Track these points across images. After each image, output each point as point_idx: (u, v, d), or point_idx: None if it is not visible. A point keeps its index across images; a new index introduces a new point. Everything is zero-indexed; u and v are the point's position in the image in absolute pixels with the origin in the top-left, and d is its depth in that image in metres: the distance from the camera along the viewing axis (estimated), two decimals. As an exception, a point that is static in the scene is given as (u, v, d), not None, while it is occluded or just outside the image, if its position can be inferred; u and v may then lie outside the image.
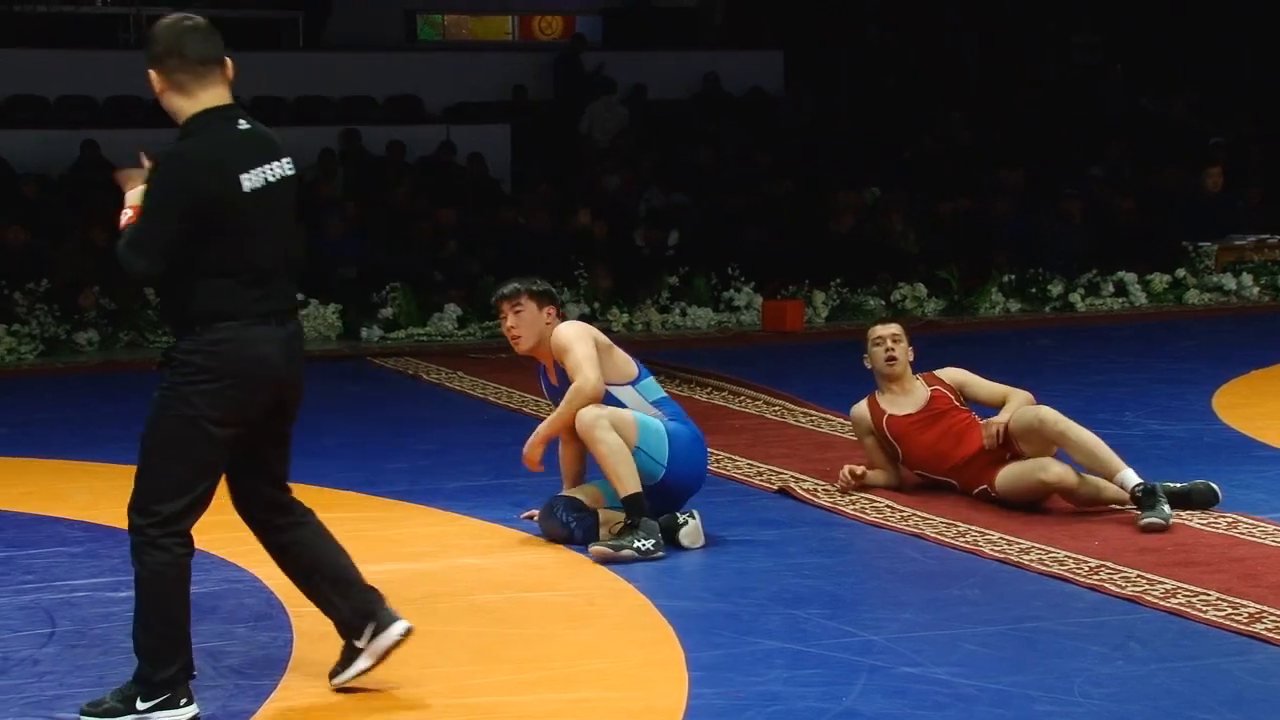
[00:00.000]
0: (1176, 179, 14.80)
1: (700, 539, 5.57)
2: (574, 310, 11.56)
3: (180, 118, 3.93)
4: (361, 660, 4.13)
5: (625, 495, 5.44)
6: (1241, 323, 12.08)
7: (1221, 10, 17.89)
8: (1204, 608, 4.75)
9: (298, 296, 4.11)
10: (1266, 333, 11.41)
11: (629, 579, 5.20)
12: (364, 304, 11.76)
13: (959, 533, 5.69)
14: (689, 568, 5.40)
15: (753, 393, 8.84)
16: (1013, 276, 12.98)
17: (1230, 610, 4.73)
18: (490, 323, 10.92)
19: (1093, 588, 5.00)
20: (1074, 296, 12.94)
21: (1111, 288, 13.09)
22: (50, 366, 10.56)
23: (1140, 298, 13.09)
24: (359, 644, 4.12)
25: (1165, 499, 5.70)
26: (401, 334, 11.56)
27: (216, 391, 3.87)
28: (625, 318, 11.98)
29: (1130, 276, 13.14)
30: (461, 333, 11.61)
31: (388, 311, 11.66)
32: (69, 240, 11.81)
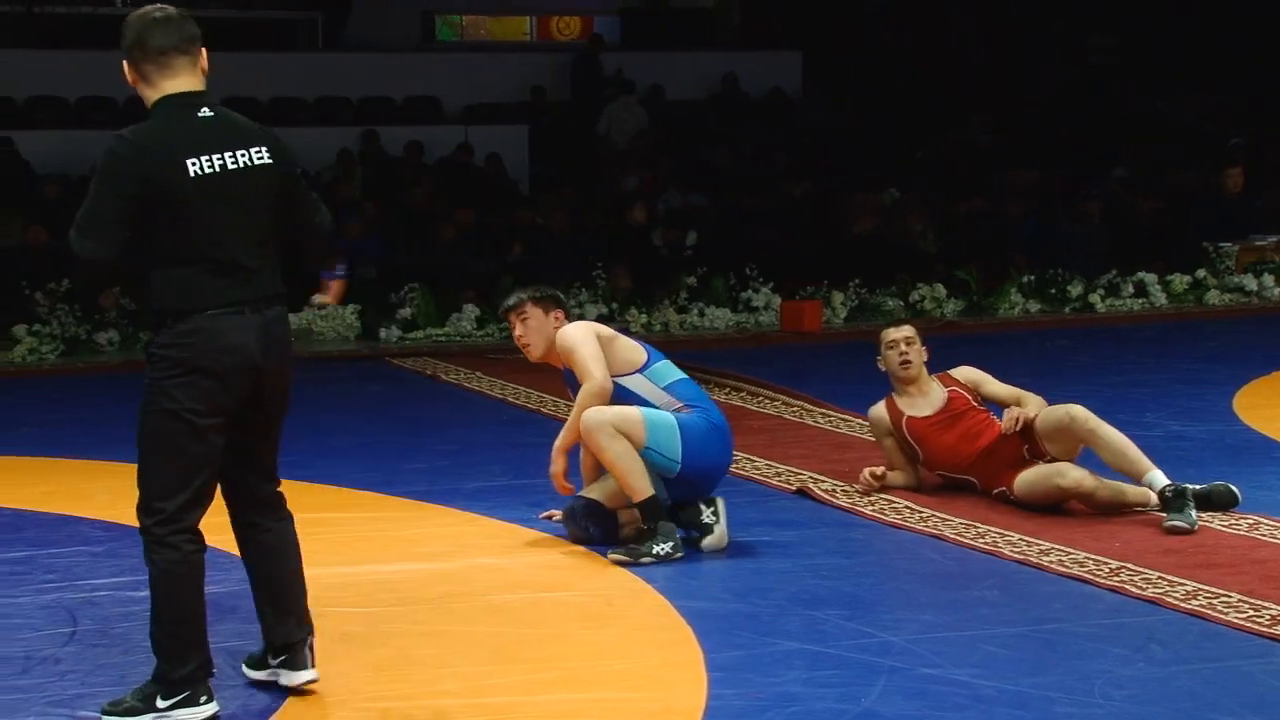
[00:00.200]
0: (1196, 180, 14.75)
1: (723, 543, 5.54)
2: (592, 311, 11.57)
3: (147, 107, 3.97)
4: (264, 673, 4.17)
5: (638, 501, 5.43)
6: (1263, 323, 12.02)
7: (1237, 11, 17.83)
8: (1225, 610, 4.73)
9: (281, 289, 4.02)
10: (1288, 334, 11.37)
11: (648, 579, 5.20)
12: (382, 304, 11.78)
13: (978, 534, 5.67)
14: (708, 568, 5.40)
15: (771, 393, 8.83)
16: (1032, 277, 12.94)
17: (1252, 612, 4.70)
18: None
19: (1113, 589, 4.98)
20: (1094, 297, 12.89)
21: (1131, 288, 13.04)
22: (71, 366, 10.59)
23: (1160, 298, 13.04)
24: (271, 661, 4.17)
25: (1194, 502, 5.69)
26: (420, 334, 11.57)
27: (193, 384, 3.87)
28: (643, 318, 11.97)
29: (1150, 277, 13.09)
30: (480, 333, 11.61)
31: (406, 312, 11.68)
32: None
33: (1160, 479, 5.80)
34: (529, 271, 11.70)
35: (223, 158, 3.91)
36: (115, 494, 6.46)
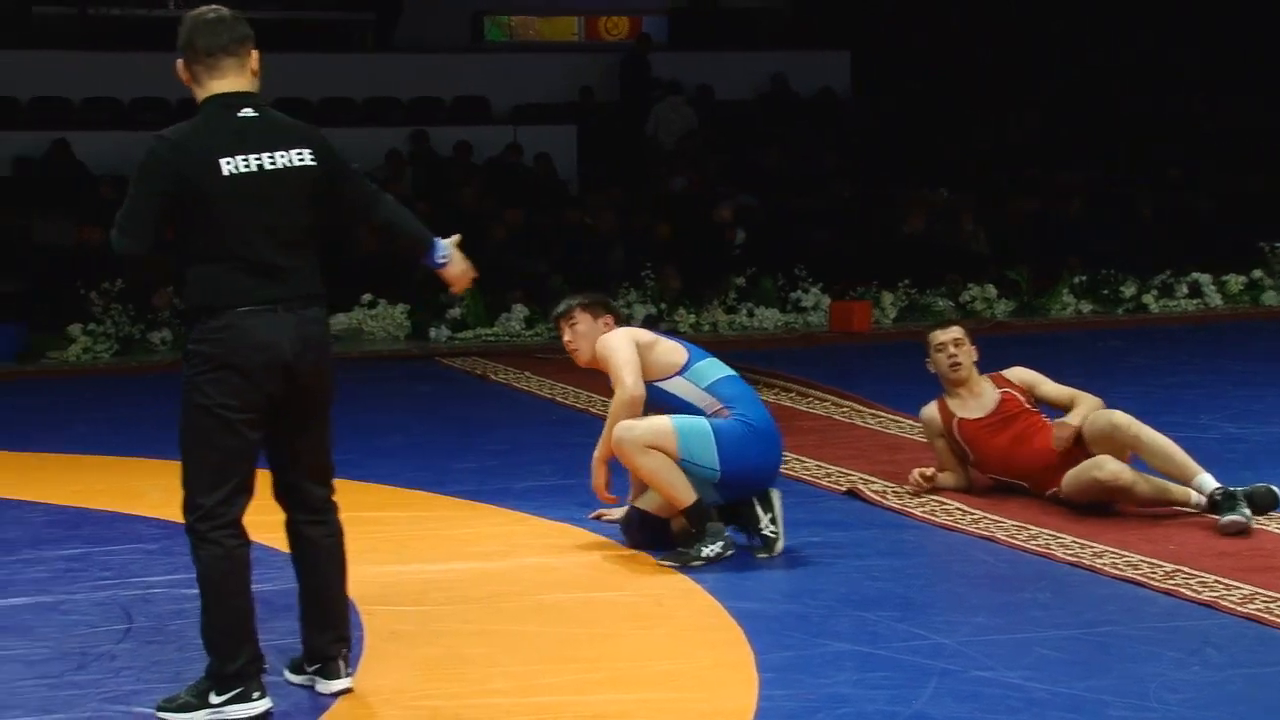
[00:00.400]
0: (1252, 179, 14.60)
1: (776, 550, 5.51)
2: (640, 311, 11.58)
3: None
4: (302, 679, 4.19)
5: (683, 509, 5.41)
6: (1320, 324, 11.91)
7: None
8: (1282, 613, 4.69)
9: (320, 289, 4.04)
10: (1345, 334, 11.25)
11: (698, 580, 5.19)
12: (432, 304, 11.82)
13: (1030, 536, 5.63)
14: (759, 569, 5.38)
15: (820, 394, 8.80)
16: (1084, 278, 12.85)
17: (1309, 616, 4.65)
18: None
19: (1168, 592, 4.94)
20: (1147, 298, 12.79)
21: (1186, 289, 12.93)
22: (125, 365, 10.69)
23: (1215, 299, 12.92)
24: (307, 668, 4.19)
25: (1245, 502, 5.63)
26: (469, 334, 11.62)
27: (223, 379, 3.90)
28: (692, 318, 11.97)
29: (1205, 278, 12.97)
30: (529, 333, 11.64)
31: (456, 312, 11.72)
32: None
33: (1210, 482, 5.74)
34: (576, 272, 11.73)
35: (260, 158, 3.94)
36: (168, 492, 6.44)
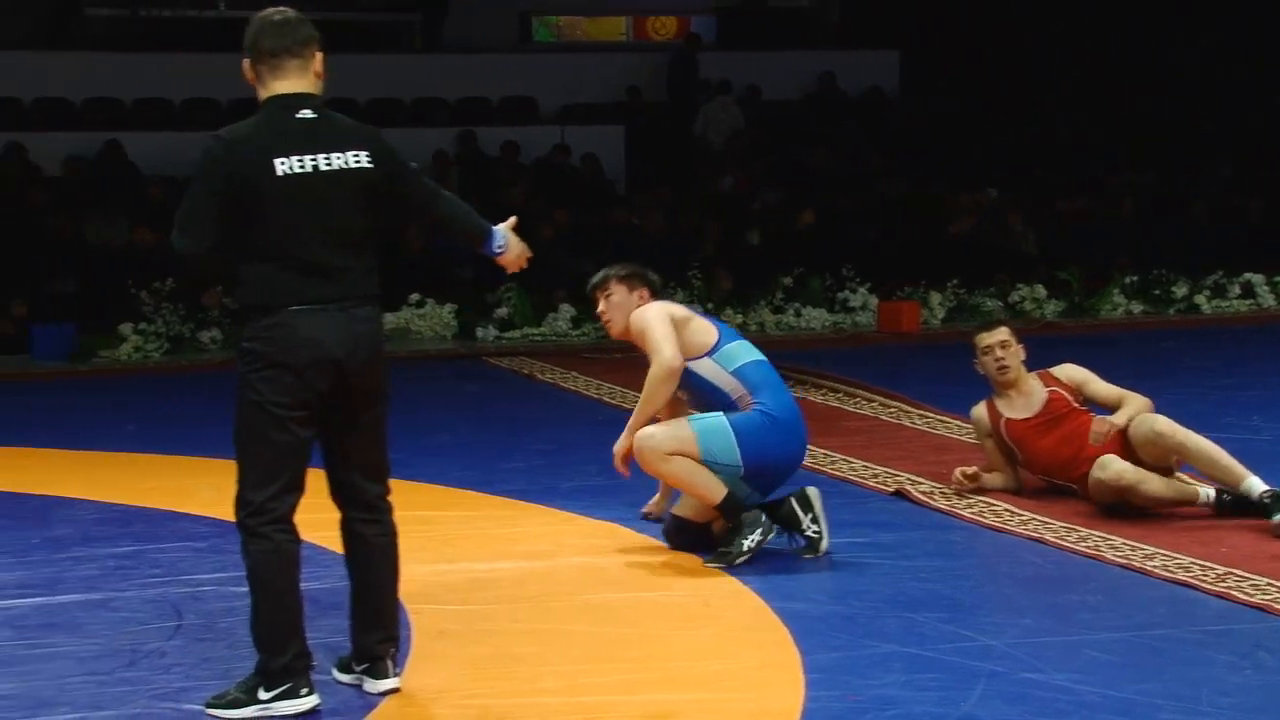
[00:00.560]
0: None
1: (821, 550, 5.49)
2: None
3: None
4: (350, 678, 4.20)
5: (716, 505, 5.40)
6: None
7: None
8: (1336, 617, 4.63)
9: (375, 290, 4.07)
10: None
11: (744, 580, 5.19)
12: (479, 304, 11.86)
13: (1080, 537, 5.59)
14: (805, 570, 5.37)
15: (868, 394, 8.77)
16: (1135, 278, 12.75)
17: (1364, 620, 4.60)
18: (604, 323, 10.94)
19: (1220, 595, 4.89)
20: (1199, 298, 12.68)
21: (1238, 289, 12.81)
22: (175, 364, 10.79)
23: (1269, 299, 12.79)
24: (355, 667, 4.20)
25: None
26: (516, 334, 11.65)
27: (274, 377, 3.94)
28: (740, 318, 11.95)
29: (1258, 278, 12.84)
30: (576, 333, 11.66)
31: (503, 311, 11.75)
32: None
33: (1258, 485, 5.68)
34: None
35: (315, 159, 3.97)
36: (218, 490, 6.50)
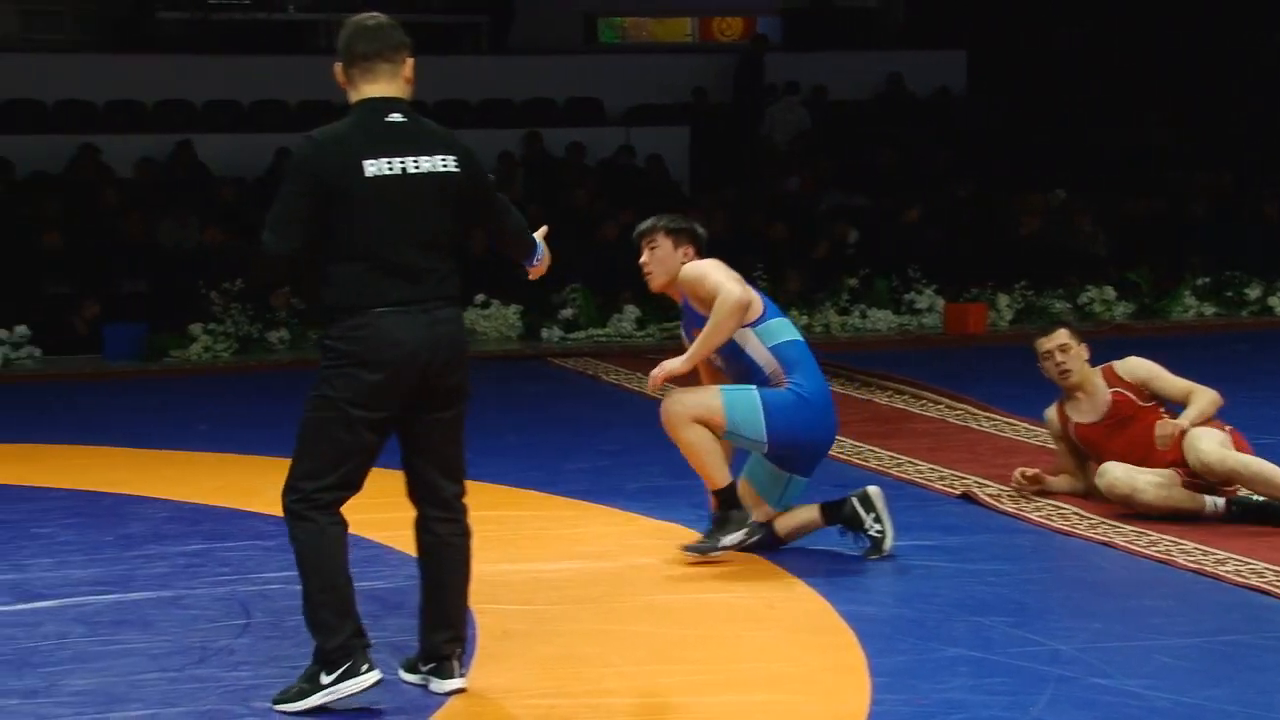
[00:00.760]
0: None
1: (885, 550, 5.46)
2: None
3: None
4: (417, 678, 4.21)
5: (715, 489, 5.40)
6: None
7: None
8: None
9: (455, 292, 4.10)
10: None
11: (809, 582, 5.17)
12: (544, 305, 11.89)
13: (1150, 542, 5.53)
14: (871, 572, 5.34)
15: (934, 396, 8.72)
16: (1207, 279, 12.59)
17: None
18: (669, 323, 10.95)
19: (1294, 602, 4.82)
20: (1273, 299, 12.50)
21: (1312, 291, 12.63)
22: (244, 364, 10.89)
23: (1344, 302, 12.60)
24: (421, 667, 4.21)
25: None
26: (581, 335, 11.67)
27: (354, 376, 3.97)
28: (805, 319, 11.92)
29: (1333, 280, 12.66)
30: (640, 334, 11.67)
31: (568, 312, 11.78)
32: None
33: None
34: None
35: (404, 161, 4.00)
36: (286, 489, 6.61)
